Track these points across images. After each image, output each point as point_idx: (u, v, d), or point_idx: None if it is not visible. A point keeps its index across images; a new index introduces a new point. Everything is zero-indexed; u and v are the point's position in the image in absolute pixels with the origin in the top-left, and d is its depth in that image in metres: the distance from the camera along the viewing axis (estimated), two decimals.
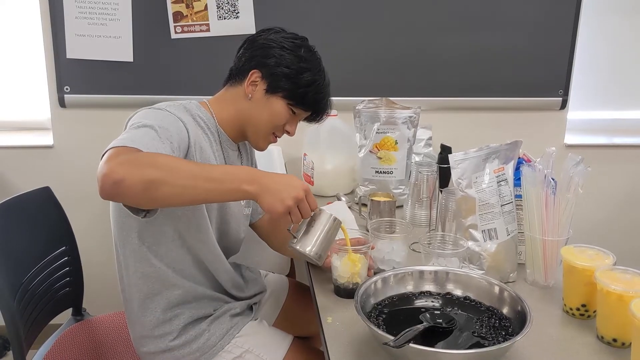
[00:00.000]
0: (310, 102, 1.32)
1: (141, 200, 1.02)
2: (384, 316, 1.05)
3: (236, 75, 1.33)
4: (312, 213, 1.14)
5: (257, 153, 1.53)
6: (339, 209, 1.70)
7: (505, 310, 1.05)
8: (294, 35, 1.34)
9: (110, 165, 0.99)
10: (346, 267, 1.21)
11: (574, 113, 2.51)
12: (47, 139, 2.29)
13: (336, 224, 1.18)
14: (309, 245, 1.14)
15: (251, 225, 1.55)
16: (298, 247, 1.14)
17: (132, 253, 1.25)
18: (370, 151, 1.77)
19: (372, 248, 1.29)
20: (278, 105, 1.30)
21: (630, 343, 0.96)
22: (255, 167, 1.52)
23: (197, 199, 1.06)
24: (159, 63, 2.20)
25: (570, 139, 2.51)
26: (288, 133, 1.35)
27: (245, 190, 1.05)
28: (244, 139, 1.38)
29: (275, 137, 1.35)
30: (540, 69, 2.38)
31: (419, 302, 1.11)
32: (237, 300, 1.40)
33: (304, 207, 1.10)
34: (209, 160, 1.26)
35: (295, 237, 1.16)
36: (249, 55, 1.32)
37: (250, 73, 1.29)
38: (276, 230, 1.53)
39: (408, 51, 2.30)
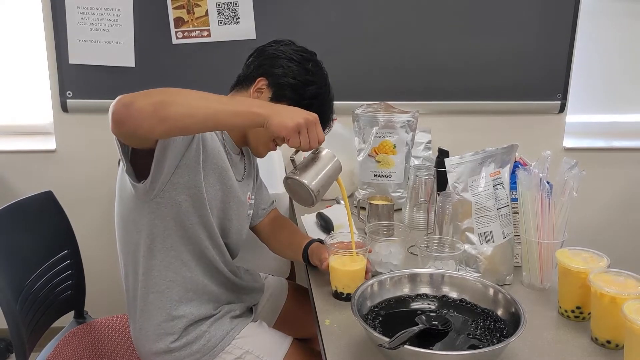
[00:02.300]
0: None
1: (152, 120, 1.01)
2: (380, 318, 1.06)
3: (243, 82, 1.36)
4: (318, 150, 1.15)
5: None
6: (338, 212, 1.72)
7: (500, 312, 1.07)
8: (303, 49, 1.37)
9: (120, 97, 1.03)
10: (343, 269, 1.22)
11: (573, 116, 2.52)
12: (49, 143, 2.31)
13: (338, 167, 1.18)
14: (309, 178, 1.13)
15: (252, 229, 1.56)
16: (297, 177, 1.12)
17: (138, 249, 1.27)
18: (369, 155, 1.78)
19: (370, 251, 1.30)
20: None
21: (624, 345, 0.97)
22: (257, 170, 1.54)
23: (208, 121, 1.05)
24: (161, 68, 2.22)
25: (568, 142, 2.52)
26: (288, 142, 1.37)
27: (256, 112, 1.06)
28: (246, 144, 1.40)
29: (275, 145, 1.37)
30: (538, 72, 2.39)
31: (415, 305, 1.12)
32: (235, 295, 1.42)
33: (312, 132, 1.10)
34: (213, 156, 1.27)
35: (296, 168, 1.15)
36: (258, 64, 1.34)
37: (257, 80, 1.32)
38: (276, 234, 1.55)
39: (406, 55, 2.32)
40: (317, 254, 1.34)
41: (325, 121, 1.38)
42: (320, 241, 1.41)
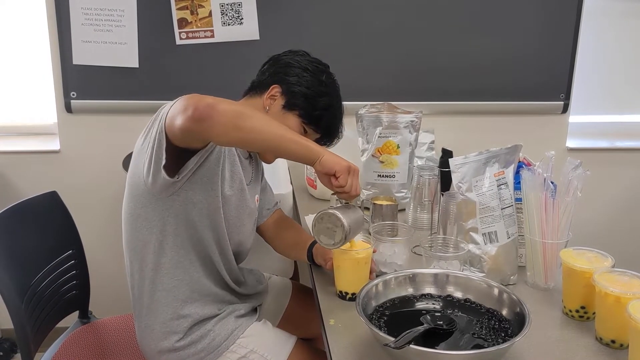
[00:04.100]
0: (323, 126, 1.37)
1: (227, 126, 1.06)
2: (385, 318, 1.07)
3: (257, 88, 1.38)
4: (353, 202, 1.20)
5: None
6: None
7: (504, 312, 1.07)
8: (318, 61, 1.40)
9: (197, 96, 1.07)
10: (348, 258, 1.22)
11: (576, 117, 2.52)
12: (53, 144, 2.32)
13: (362, 225, 1.22)
14: (346, 217, 1.16)
15: (257, 229, 1.57)
16: (334, 212, 1.17)
17: (147, 246, 1.28)
18: (372, 155, 1.78)
19: (374, 251, 1.30)
20: (292, 122, 1.33)
21: (628, 344, 0.97)
22: (262, 172, 1.55)
23: (273, 141, 1.11)
24: (164, 69, 2.23)
25: (572, 142, 2.52)
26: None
27: (313, 147, 1.14)
28: None
29: None
30: (541, 72, 2.40)
31: (420, 305, 1.13)
32: (238, 297, 1.43)
33: (356, 180, 1.17)
34: (229, 157, 1.30)
35: (333, 207, 1.20)
36: (273, 71, 1.37)
37: (271, 87, 1.34)
38: (281, 234, 1.56)
39: (410, 56, 2.32)
40: (322, 253, 1.35)
41: (335, 133, 1.41)
42: None
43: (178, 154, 1.16)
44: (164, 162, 1.16)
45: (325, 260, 1.32)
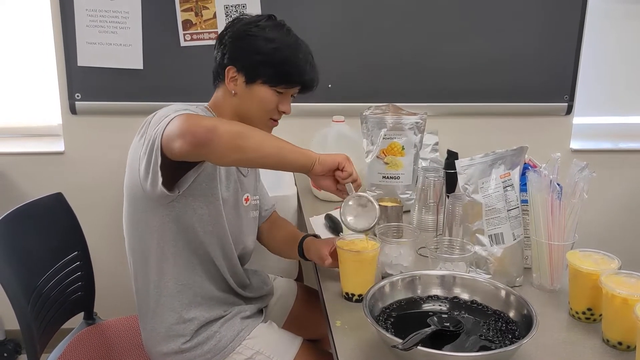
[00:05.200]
0: (293, 78, 1.32)
1: (227, 148, 1.06)
2: (392, 320, 1.07)
3: (217, 77, 1.36)
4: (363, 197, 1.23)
5: None
6: None
7: (511, 314, 1.07)
8: (256, 19, 1.33)
9: (194, 118, 1.07)
10: (352, 255, 1.22)
11: (580, 118, 2.52)
12: (58, 145, 2.32)
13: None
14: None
15: None
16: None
17: (149, 250, 1.28)
18: (377, 157, 1.78)
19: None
20: (262, 92, 1.30)
21: (636, 346, 0.97)
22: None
23: (271, 157, 1.13)
24: (169, 70, 2.23)
25: (575, 144, 2.52)
26: (284, 112, 1.36)
27: (308, 153, 1.16)
28: None
29: (275, 121, 1.37)
30: (545, 74, 2.39)
31: (427, 306, 1.13)
32: (244, 300, 1.43)
33: (354, 168, 1.21)
34: None
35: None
36: (221, 54, 1.33)
37: (226, 70, 1.31)
38: (274, 233, 1.57)
39: (414, 57, 2.32)
40: (315, 250, 1.35)
41: (308, 78, 1.33)
42: (315, 236, 1.42)
43: (176, 165, 1.15)
44: (160, 180, 1.14)
45: (321, 258, 1.31)
